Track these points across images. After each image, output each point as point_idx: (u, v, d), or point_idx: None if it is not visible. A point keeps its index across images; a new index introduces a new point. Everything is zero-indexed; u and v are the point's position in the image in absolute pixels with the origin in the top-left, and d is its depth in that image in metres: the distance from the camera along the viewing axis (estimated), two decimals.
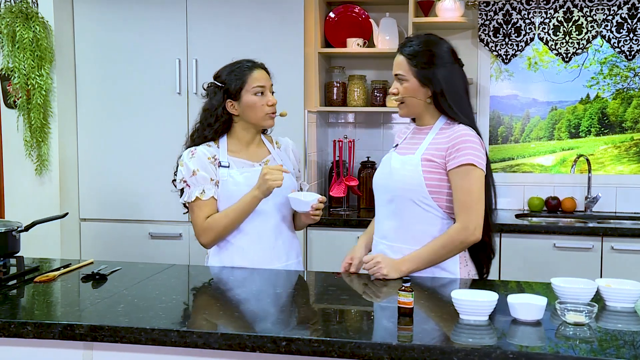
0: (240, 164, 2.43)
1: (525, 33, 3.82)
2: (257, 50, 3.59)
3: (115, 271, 2.28)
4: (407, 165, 2.22)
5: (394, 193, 2.24)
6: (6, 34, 3.47)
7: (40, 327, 1.71)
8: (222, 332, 1.63)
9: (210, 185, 2.38)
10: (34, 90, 3.52)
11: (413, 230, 2.22)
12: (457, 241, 2.15)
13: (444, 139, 2.19)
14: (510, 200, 3.96)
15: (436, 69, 2.19)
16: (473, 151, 2.14)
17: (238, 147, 2.46)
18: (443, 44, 2.26)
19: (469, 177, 2.14)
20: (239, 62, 2.45)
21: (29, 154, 3.64)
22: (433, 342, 1.57)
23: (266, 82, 2.43)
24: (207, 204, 2.37)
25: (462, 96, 2.25)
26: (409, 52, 2.22)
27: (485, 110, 3.96)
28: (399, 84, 2.25)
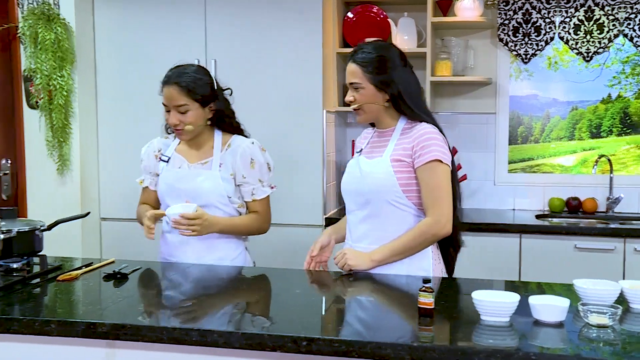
0: (178, 161, 2.54)
1: (545, 32, 3.79)
2: (275, 50, 3.60)
3: (136, 270, 2.30)
4: (378, 167, 2.27)
5: (368, 196, 2.28)
6: (29, 35, 3.51)
7: (64, 325, 1.73)
8: (243, 331, 1.64)
9: (149, 176, 2.61)
10: (56, 91, 3.56)
11: (389, 230, 2.27)
12: (429, 234, 2.22)
13: (408, 138, 2.26)
14: (530, 201, 3.93)
15: (390, 73, 2.26)
16: (438, 147, 2.21)
17: (188, 144, 2.56)
18: (393, 49, 2.33)
19: (436, 173, 2.21)
20: (170, 70, 2.51)
21: (50, 154, 3.68)
22: (454, 343, 1.56)
23: (169, 102, 2.45)
24: (144, 191, 2.65)
25: (419, 96, 2.33)
26: (362, 59, 2.27)
27: (505, 110, 3.94)
28: (355, 92, 2.29)
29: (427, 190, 2.22)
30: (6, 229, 2.14)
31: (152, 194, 2.61)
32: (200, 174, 2.49)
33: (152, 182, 2.60)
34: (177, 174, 2.51)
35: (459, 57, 3.84)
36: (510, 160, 3.97)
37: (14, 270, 2.22)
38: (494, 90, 3.93)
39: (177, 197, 2.47)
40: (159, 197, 2.57)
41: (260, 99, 3.58)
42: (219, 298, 2.09)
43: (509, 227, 3.41)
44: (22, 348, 1.83)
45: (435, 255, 2.31)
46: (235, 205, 2.52)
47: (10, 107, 3.79)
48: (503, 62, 3.91)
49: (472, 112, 3.97)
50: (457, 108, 3.99)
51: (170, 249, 2.55)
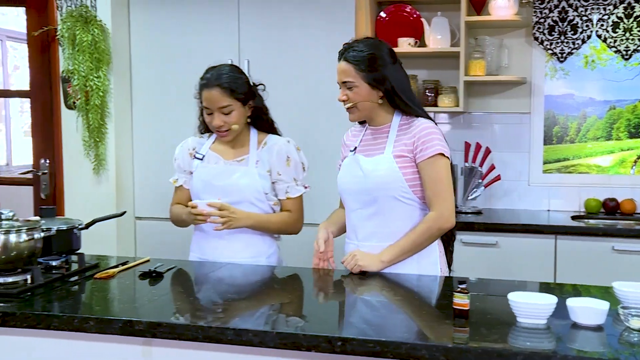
0: (214, 158, 2.55)
1: (582, 30, 3.73)
2: (307, 50, 3.61)
3: (171, 269, 2.32)
4: (381, 164, 2.27)
5: (374, 193, 2.27)
6: (67, 37, 3.58)
7: (102, 322, 1.75)
8: (278, 330, 1.65)
9: (183, 174, 2.62)
10: (92, 92, 3.61)
11: (397, 226, 2.28)
12: (434, 229, 2.24)
13: (408, 134, 2.27)
14: (566, 202, 3.87)
15: (382, 70, 2.26)
16: (439, 142, 2.24)
17: (224, 142, 2.56)
18: (383, 46, 2.32)
19: (438, 167, 2.23)
20: (206, 72, 2.52)
21: (87, 154, 3.74)
22: (490, 345, 1.55)
23: (212, 105, 2.46)
24: (178, 190, 2.65)
25: (411, 91, 2.34)
26: (354, 57, 2.27)
27: (540, 109, 3.89)
28: (348, 90, 2.29)
29: (430, 184, 2.24)
30: (46, 227, 2.17)
31: (185, 193, 2.62)
32: (236, 171, 2.51)
33: (187, 181, 2.62)
34: (214, 171, 2.53)
35: (493, 57, 3.80)
36: (545, 161, 3.91)
37: (53, 268, 2.26)
38: (528, 90, 3.88)
39: (213, 193, 2.48)
40: (194, 194, 2.57)
41: (293, 98, 3.59)
42: (253, 297, 2.10)
43: (544, 228, 3.36)
44: (62, 344, 1.86)
45: (440, 249, 2.35)
46: (270, 202, 2.53)
47: (49, 108, 3.87)
48: (538, 61, 3.86)
49: (506, 112, 3.92)
50: (491, 108, 3.94)
51: (204, 248, 2.57)
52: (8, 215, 2.09)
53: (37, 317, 1.80)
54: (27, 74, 3.98)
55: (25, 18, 3.86)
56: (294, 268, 2.51)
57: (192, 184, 2.58)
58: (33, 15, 3.81)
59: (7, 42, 5.27)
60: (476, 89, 3.94)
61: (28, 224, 2.10)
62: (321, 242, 2.35)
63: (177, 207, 2.62)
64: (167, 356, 1.80)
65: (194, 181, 2.57)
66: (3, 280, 2.03)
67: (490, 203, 3.96)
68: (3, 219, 2.08)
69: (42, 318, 1.79)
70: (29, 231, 2.06)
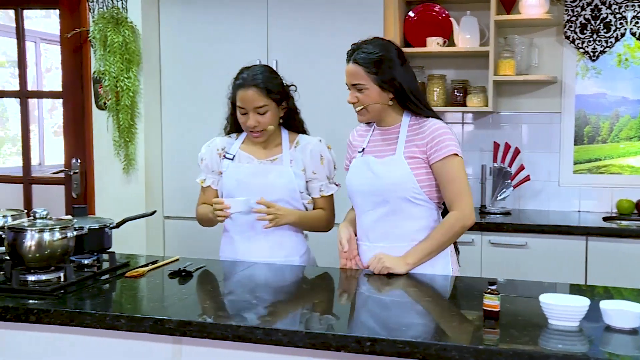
0: (246, 158, 2.55)
1: (615, 28, 3.67)
2: (336, 50, 3.59)
3: (200, 268, 2.34)
4: (393, 166, 2.27)
5: (386, 195, 2.27)
6: (99, 39, 3.63)
7: (133, 321, 1.77)
8: (307, 330, 1.65)
9: (211, 175, 2.61)
10: (123, 92, 3.66)
11: (408, 227, 2.28)
12: (457, 227, 2.25)
13: (419, 135, 2.27)
14: (597, 203, 3.81)
15: (392, 72, 2.25)
16: (451, 142, 2.24)
17: (252, 142, 2.57)
18: (392, 46, 2.31)
19: (454, 166, 2.24)
20: (242, 71, 2.52)
21: (117, 154, 3.79)
22: (521, 347, 1.53)
23: (248, 104, 2.46)
24: (205, 191, 2.63)
25: (419, 91, 2.34)
26: (363, 59, 2.26)
27: (570, 109, 3.83)
28: (358, 92, 2.28)
29: (448, 185, 2.24)
30: (78, 226, 2.21)
31: (213, 193, 2.62)
32: (272, 170, 2.52)
33: (214, 181, 2.62)
34: (248, 170, 2.53)
35: (522, 56, 3.77)
36: (576, 161, 3.86)
37: (85, 266, 2.29)
38: (559, 89, 3.83)
39: (248, 192, 2.48)
40: (226, 193, 2.57)
41: (321, 98, 3.59)
42: (281, 297, 2.11)
43: (575, 230, 3.32)
44: (93, 342, 1.89)
45: (451, 248, 2.35)
46: (305, 201, 2.55)
47: (81, 109, 3.92)
48: (569, 60, 3.80)
49: (536, 112, 3.88)
50: (520, 107, 3.90)
51: (236, 249, 2.57)
52: (42, 214, 2.12)
53: (70, 315, 1.82)
54: (58, 75, 4.04)
55: (59, 20, 3.92)
56: (322, 268, 2.51)
57: (223, 183, 2.58)
58: (66, 17, 3.87)
59: (40, 44, 5.36)
60: (505, 89, 3.90)
61: (61, 223, 2.13)
62: (344, 242, 2.36)
63: (203, 207, 2.63)
64: (196, 355, 1.82)
65: (225, 181, 2.56)
66: (37, 278, 2.07)
67: (520, 204, 3.92)
68: (37, 218, 2.11)
69: (75, 315, 1.82)
70: (62, 230, 2.10)
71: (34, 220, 2.11)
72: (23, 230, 2.05)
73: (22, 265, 2.08)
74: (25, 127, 4.10)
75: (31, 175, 4.16)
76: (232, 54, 3.74)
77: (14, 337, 1.95)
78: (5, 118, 5.62)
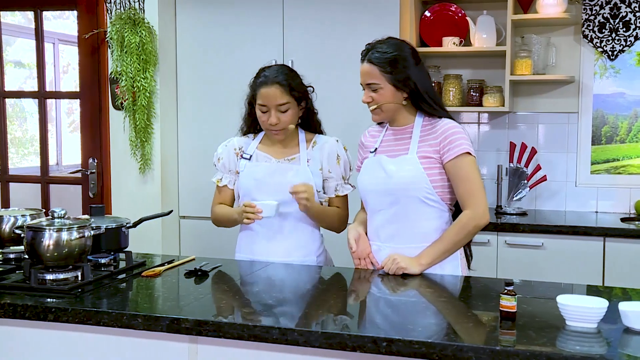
0: (264, 157, 2.56)
1: (635, 27, 3.63)
2: (352, 50, 3.59)
3: (216, 268, 2.34)
4: (405, 165, 2.26)
5: (397, 194, 2.26)
6: (116, 39, 3.65)
7: (150, 320, 1.78)
8: (323, 330, 1.65)
9: (228, 174, 2.61)
10: (139, 92, 3.68)
11: (420, 227, 2.27)
12: (471, 226, 2.23)
13: (432, 134, 2.27)
14: (615, 203, 3.78)
15: (407, 71, 2.25)
16: (464, 141, 2.23)
17: (270, 142, 2.59)
18: (406, 46, 2.31)
19: (466, 166, 2.23)
20: (263, 70, 2.55)
21: (133, 154, 3.81)
22: (538, 349, 1.52)
23: (270, 102, 2.47)
24: (221, 190, 2.63)
25: (434, 91, 2.34)
26: (378, 59, 2.26)
27: (588, 109, 3.80)
28: (373, 92, 2.28)
29: (461, 184, 2.23)
30: (96, 226, 2.22)
31: (229, 192, 2.63)
32: (290, 169, 2.53)
33: (231, 181, 2.62)
34: (267, 169, 2.54)
35: (539, 55, 3.74)
36: (593, 161, 3.83)
37: (102, 265, 2.31)
38: (576, 89, 3.80)
39: (267, 191, 2.49)
40: (244, 192, 2.57)
41: (337, 98, 3.59)
42: (297, 297, 2.11)
43: (592, 230, 3.29)
44: (110, 340, 1.90)
45: (461, 251, 2.34)
46: (322, 199, 2.56)
47: (97, 109, 3.95)
48: (587, 59, 3.77)
49: (553, 112, 3.85)
50: (537, 107, 3.88)
51: (253, 249, 2.57)
52: (60, 214, 2.14)
53: (87, 314, 1.84)
54: (74, 75, 4.07)
55: (77, 21, 3.95)
56: (338, 268, 2.51)
57: (240, 182, 2.58)
58: (84, 18, 3.90)
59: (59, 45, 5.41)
60: (522, 89, 3.88)
61: (79, 222, 2.15)
62: (352, 242, 2.35)
63: (222, 207, 2.63)
64: (212, 354, 1.83)
65: (243, 180, 2.57)
66: (55, 277, 2.08)
67: (536, 204, 3.89)
68: (55, 217, 2.13)
69: (92, 314, 1.83)
70: (80, 229, 2.11)
71: (52, 220, 2.13)
72: (41, 230, 2.07)
73: (41, 264, 2.10)
74: (43, 127, 4.14)
75: (49, 174, 4.20)
76: (247, 54, 3.75)
77: (32, 335, 1.97)
78: (22, 118, 5.68)
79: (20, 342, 1.99)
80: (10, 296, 1.97)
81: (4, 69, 4.20)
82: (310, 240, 2.58)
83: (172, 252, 3.86)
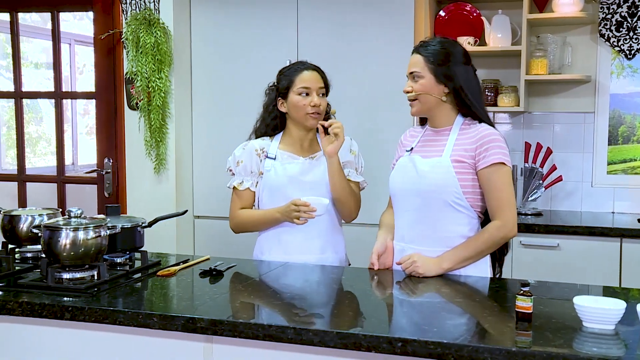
0: (288, 157, 2.56)
1: None
2: (366, 50, 3.60)
3: (231, 268, 2.35)
4: (437, 167, 2.23)
5: (425, 196, 2.24)
6: (131, 40, 3.67)
7: (165, 319, 1.79)
8: (338, 330, 1.65)
9: (250, 177, 2.59)
10: (154, 93, 3.70)
11: (445, 232, 2.24)
12: (498, 237, 2.21)
13: (469, 139, 2.23)
14: (632, 204, 3.74)
15: (452, 66, 2.23)
16: (500, 150, 2.20)
17: (290, 141, 2.60)
18: (458, 46, 2.32)
19: (500, 175, 2.19)
20: (296, 63, 2.61)
21: (148, 154, 3.83)
22: (555, 350, 1.51)
23: (313, 84, 2.52)
24: (242, 195, 2.59)
25: (480, 95, 2.31)
26: (425, 50, 2.27)
27: (605, 109, 3.77)
28: (414, 82, 2.28)
29: (492, 194, 2.20)
30: (111, 225, 2.24)
31: (251, 196, 2.60)
32: (318, 165, 2.56)
33: (253, 183, 2.60)
34: (298, 167, 2.55)
35: (555, 55, 3.71)
36: (610, 161, 3.80)
37: (117, 265, 2.32)
38: (592, 89, 3.77)
39: (301, 189, 2.49)
40: (272, 191, 2.55)
41: (352, 98, 3.59)
42: (313, 296, 2.11)
43: (609, 231, 3.26)
44: (126, 339, 1.91)
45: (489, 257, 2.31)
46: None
47: (113, 109, 3.98)
48: (604, 58, 3.74)
49: (569, 112, 3.83)
50: (553, 107, 3.85)
51: (272, 249, 2.57)
52: (77, 213, 2.16)
53: (103, 312, 1.85)
54: (89, 76, 4.10)
55: (93, 22, 3.97)
56: (354, 268, 2.51)
57: (269, 181, 2.55)
58: (100, 19, 3.93)
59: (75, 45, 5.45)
60: (537, 88, 3.85)
61: (95, 222, 2.16)
62: (374, 257, 2.33)
63: (249, 211, 2.60)
64: (227, 353, 1.83)
65: (274, 178, 2.54)
66: (71, 276, 2.10)
67: (552, 204, 3.87)
68: (72, 217, 2.15)
69: (108, 313, 1.84)
70: (96, 228, 2.12)
71: (69, 219, 2.14)
72: (58, 229, 2.09)
73: (58, 263, 2.11)
74: (60, 128, 4.17)
75: (65, 174, 4.23)
76: (262, 55, 3.76)
77: (49, 333, 1.98)
78: (39, 118, 5.73)
79: (37, 340, 2.01)
80: (28, 295, 1.98)
81: (22, 70, 4.23)
82: (339, 237, 2.62)
83: (186, 252, 3.88)
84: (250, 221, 2.60)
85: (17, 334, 2.02)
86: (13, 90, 4.22)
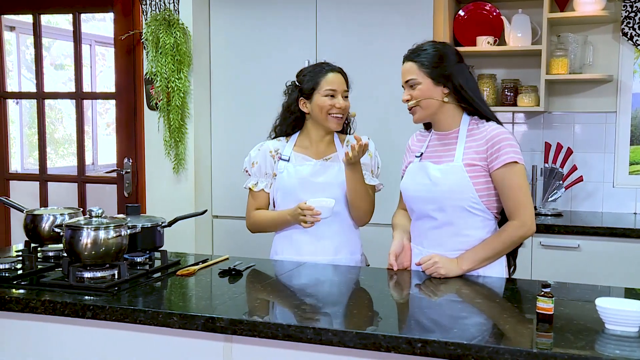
0: (301, 159, 2.57)
1: None
2: (385, 50, 3.59)
3: (250, 267, 2.36)
4: (451, 173, 2.21)
5: (442, 203, 2.22)
6: (151, 40, 3.69)
7: (185, 319, 1.80)
8: (357, 331, 1.65)
9: (264, 178, 2.62)
10: (173, 93, 3.72)
11: (464, 236, 2.23)
12: (516, 237, 2.20)
13: (479, 141, 2.21)
14: None
15: (448, 66, 2.22)
16: (512, 148, 2.17)
17: (306, 143, 2.61)
18: (449, 46, 2.32)
19: (514, 174, 2.16)
20: (319, 65, 2.61)
21: (167, 154, 3.85)
22: (577, 352, 1.50)
23: (338, 86, 2.54)
24: (258, 196, 2.63)
25: (479, 91, 2.30)
26: (417, 56, 2.26)
27: (627, 108, 3.73)
28: (411, 89, 2.26)
29: (508, 193, 2.18)
30: (132, 225, 2.25)
31: (265, 197, 2.63)
32: (332, 167, 2.55)
33: (267, 184, 2.62)
34: (310, 169, 2.55)
35: (576, 54, 3.68)
36: (632, 162, 3.75)
37: (137, 264, 2.34)
38: (614, 88, 3.73)
39: (313, 191, 2.51)
40: (285, 193, 2.56)
41: (370, 98, 3.58)
42: (332, 297, 2.11)
43: (631, 232, 3.22)
44: (146, 338, 1.93)
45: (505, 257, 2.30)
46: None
47: (133, 109, 4.00)
48: (626, 57, 3.70)
49: (590, 111, 3.79)
50: (574, 107, 3.82)
51: (288, 249, 2.58)
52: (97, 213, 2.18)
53: (124, 311, 1.86)
54: (108, 76, 4.13)
55: (113, 23, 4.01)
56: (372, 268, 2.50)
57: (281, 183, 2.57)
58: (120, 20, 3.96)
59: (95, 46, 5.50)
60: (558, 88, 3.82)
61: (115, 221, 2.18)
62: (392, 258, 2.32)
63: (264, 212, 2.63)
64: (247, 353, 1.84)
65: (286, 180, 2.56)
66: (92, 275, 2.11)
67: (572, 205, 3.83)
68: (93, 216, 2.16)
69: (129, 312, 1.86)
70: (117, 228, 2.14)
71: (90, 219, 2.16)
72: (79, 228, 2.11)
73: (79, 262, 2.13)
74: (80, 128, 4.21)
75: (85, 174, 4.26)
76: (281, 55, 3.77)
77: (70, 331, 2.00)
78: (59, 119, 5.79)
79: (59, 338, 2.03)
80: (49, 293, 2.01)
81: (44, 71, 4.28)
82: (355, 238, 2.61)
83: (205, 252, 3.89)
84: (265, 222, 2.63)
85: (39, 332, 2.04)
86: (35, 91, 4.27)
